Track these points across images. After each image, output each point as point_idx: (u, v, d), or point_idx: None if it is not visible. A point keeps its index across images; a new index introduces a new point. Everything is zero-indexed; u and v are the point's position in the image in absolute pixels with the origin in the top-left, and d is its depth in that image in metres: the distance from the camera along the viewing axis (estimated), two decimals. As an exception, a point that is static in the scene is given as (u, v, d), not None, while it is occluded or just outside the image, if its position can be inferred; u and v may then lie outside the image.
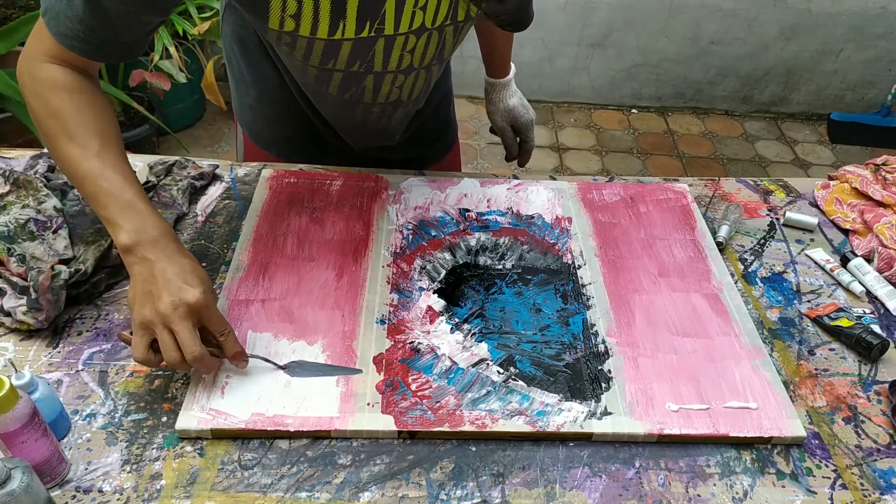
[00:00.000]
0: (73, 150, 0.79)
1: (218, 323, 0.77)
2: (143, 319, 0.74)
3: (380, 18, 0.82)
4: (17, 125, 1.97)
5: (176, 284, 0.74)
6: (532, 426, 0.78)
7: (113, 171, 0.79)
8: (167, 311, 0.73)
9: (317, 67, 0.89)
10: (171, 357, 0.73)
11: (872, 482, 0.78)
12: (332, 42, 0.84)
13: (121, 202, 0.78)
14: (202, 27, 2.17)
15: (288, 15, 0.79)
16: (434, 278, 0.96)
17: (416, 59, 0.91)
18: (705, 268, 1.00)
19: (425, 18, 0.85)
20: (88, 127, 0.80)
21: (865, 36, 2.91)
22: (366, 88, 0.95)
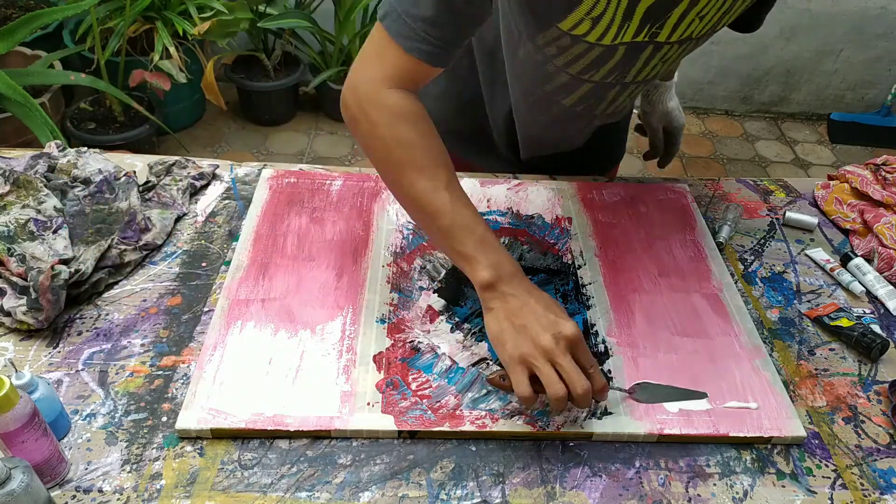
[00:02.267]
0: (424, 183, 0.78)
1: (588, 356, 0.74)
2: (521, 354, 0.73)
3: (660, 23, 0.79)
4: (17, 125, 1.96)
5: (549, 319, 0.73)
6: (532, 426, 0.78)
7: (462, 206, 0.79)
8: (550, 345, 0.72)
9: (572, 76, 0.88)
10: (556, 390, 0.71)
11: (872, 482, 0.78)
12: (607, 49, 0.82)
13: (476, 237, 0.77)
14: (202, 27, 2.17)
15: (590, 16, 0.77)
16: (434, 278, 0.96)
17: (656, 70, 0.90)
18: (705, 268, 1.00)
19: (697, 28, 0.82)
20: (435, 158, 0.79)
21: (865, 36, 2.91)
22: (603, 101, 0.95)
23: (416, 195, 0.79)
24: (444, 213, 0.78)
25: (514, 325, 0.74)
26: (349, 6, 2.52)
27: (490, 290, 0.77)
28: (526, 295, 0.76)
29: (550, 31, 0.82)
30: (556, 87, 0.93)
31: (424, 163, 0.79)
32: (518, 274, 0.78)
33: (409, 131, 0.79)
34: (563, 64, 0.86)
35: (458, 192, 0.80)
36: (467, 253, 0.78)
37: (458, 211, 0.78)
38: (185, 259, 0.96)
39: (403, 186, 0.80)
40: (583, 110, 0.99)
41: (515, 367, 0.73)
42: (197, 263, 0.96)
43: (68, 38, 2.45)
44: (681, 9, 0.77)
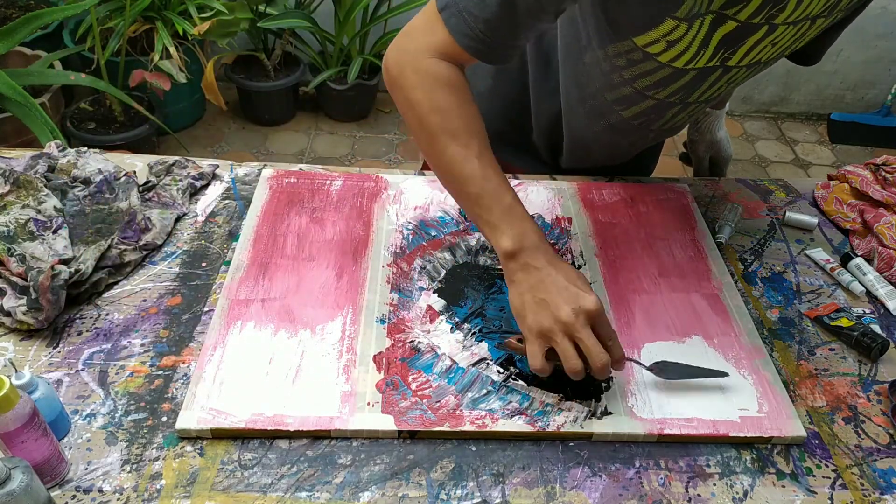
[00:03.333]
0: (456, 149, 0.79)
1: (608, 328, 0.76)
2: (540, 328, 0.74)
3: (734, 49, 0.79)
4: (17, 125, 1.96)
5: (571, 292, 0.74)
6: (532, 426, 0.78)
7: (492, 174, 0.79)
8: (570, 319, 0.72)
9: (636, 90, 0.87)
10: (574, 365, 0.73)
11: (872, 482, 0.78)
12: (678, 71, 0.82)
13: (502, 206, 0.78)
14: (202, 27, 2.17)
15: (665, 39, 0.76)
16: (434, 278, 0.96)
17: (720, 92, 0.90)
18: (705, 268, 1.00)
19: (767, 54, 0.82)
20: (470, 126, 0.80)
21: (865, 36, 2.91)
22: (661, 118, 0.95)
23: (448, 161, 0.80)
24: (473, 180, 0.79)
25: (534, 299, 0.75)
26: (349, 6, 2.52)
27: (512, 259, 0.77)
28: (548, 267, 0.76)
29: (625, 44, 0.81)
30: (618, 97, 0.92)
31: (458, 130, 0.79)
32: (542, 245, 0.78)
33: (446, 98, 0.79)
34: (630, 77, 0.86)
35: (489, 161, 0.80)
36: (492, 221, 0.78)
37: (487, 179, 0.79)
38: (185, 259, 0.96)
39: (435, 152, 0.81)
40: (640, 124, 0.98)
41: (534, 341, 0.75)
42: (197, 263, 0.96)
43: (68, 38, 2.45)
44: (757, 37, 0.77)
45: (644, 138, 1.06)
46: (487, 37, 0.77)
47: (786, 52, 0.85)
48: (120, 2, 2.19)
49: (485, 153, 0.80)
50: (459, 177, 0.80)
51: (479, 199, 0.79)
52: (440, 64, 0.79)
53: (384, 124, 2.89)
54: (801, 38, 0.82)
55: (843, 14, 0.82)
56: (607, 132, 1.02)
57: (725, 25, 0.75)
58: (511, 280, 0.78)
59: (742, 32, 0.76)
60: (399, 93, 0.82)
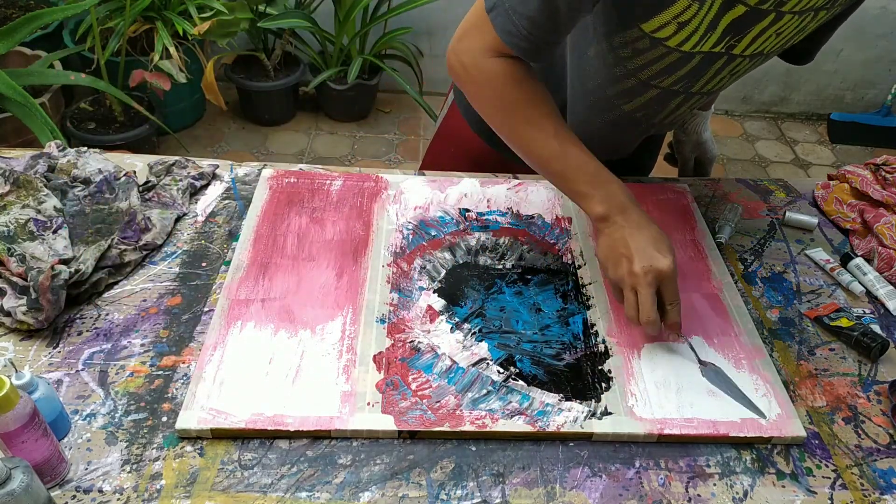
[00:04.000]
0: (535, 133, 0.87)
1: (673, 293, 0.83)
2: (616, 278, 0.85)
3: (740, 36, 0.81)
4: (17, 125, 1.96)
5: (649, 252, 0.82)
6: (532, 426, 0.78)
7: (573, 147, 0.87)
8: (639, 273, 0.81)
9: (641, 80, 0.90)
10: (629, 313, 0.84)
11: (872, 482, 0.78)
12: (684, 56, 0.83)
13: (588, 174, 0.86)
14: (202, 27, 2.17)
15: (677, 20, 0.78)
16: (434, 278, 0.96)
17: (723, 83, 0.92)
18: (705, 268, 1.00)
19: (771, 44, 0.84)
20: (542, 111, 0.87)
21: (865, 36, 2.90)
22: (664, 110, 0.96)
23: (527, 146, 0.88)
24: (554, 158, 0.87)
25: (616, 253, 0.84)
26: (349, 6, 2.52)
27: (604, 221, 0.86)
28: (635, 227, 0.84)
29: (631, 32, 0.83)
30: (620, 90, 0.94)
31: (532, 117, 0.86)
32: (630, 205, 0.86)
33: (513, 91, 0.86)
34: (634, 67, 0.88)
35: (567, 137, 0.87)
36: (580, 190, 0.87)
37: (568, 154, 0.87)
38: (185, 259, 0.96)
39: (514, 139, 0.89)
40: (642, 117, 0.99)
41: (614, 288, 0.87)
42: (197, 263, 0.96)
43: (68, 38, 2.45)
44: (763, 24, 0.79)
45: (645, 132, 1.07)
46: (532, 34, 0.80)
47: (786, 44, 0.86)
48: (120, 2, 2.19)
49: (561, 132, 0.87)
50: (542, 158, 0.88)
51: (563, 173, 0.87)
52: (499, 61, 0.85)
53: (384, 124, 2.89)
54: (801, 31, 0.83)
55: (841, 8, 0.83)
56: (608, 128, 1.03)
57: (735, 9, 0.77)
58: (600, 233, 0.87)
59: (750, 18, 0.78)
60: (468, 89, 0.90)
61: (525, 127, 0.87)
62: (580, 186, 0.86)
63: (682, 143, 1.24)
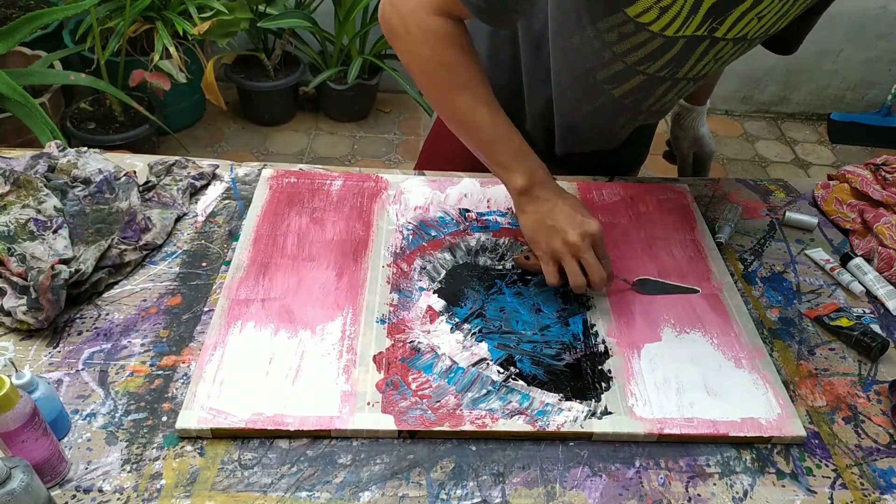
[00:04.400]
0: (466, 99, 0.87)
1: (603, 248, 0.88)
2: (552, 250, 0.87)
3: (721, 19, 0.81)
4: (17, 125, 1.96)
5: (577, 219, 0.86)
6: (532, 426, 0.78)
7: (501, 119, 0.88)
8: (576, 241, 0.85)
9: (627, 65, 0.90)
10: (578, 281, 0.87)
11: (872, 482, 0.78)
12: (668, 41, 0.83)
13: (512, 148, 0.87)
14: (202, 27, 2.17)
15: (658, 5, 0.78)
16: (434, 278, 0.96)
17: (708, 69, 0.92)
18: (705, 268, 1.00)
19: (754, 29, 0.84)
20: (476, 78, 0.86)
21: (865, 36, 2.91)
22: (651, 95, 0.96)
23: (458, 111, 0.88)
24: (483, 127, 0.87)
25: (545, 226, 0.87)
26: (349, 6, 2.52)
27: (525, 194, 0.88)
28: (556, 198, 0.88)
29: (616, 16, 0.83)
30: (608, 75, 0.93)
31: (467, 82, 0.86)
32: (549, 180, 0.89)
33: (452, 53, 0.85)
34: (621, 52, 0.88)
35: (496, 108, 0.88)
36: (504, 162, 0.88)
37: (496, 124, 0.87)
38: (185, 259, 0.96)
39: (445, 103, 0.89)
40: (630, 103, 0.99)
41: (548, 261, 0.88)
42: (197, 263, 0.96)
43: (68, 38, 2.45)
44: (744, 7, 0.79)
45: (633, 120, 1.07)
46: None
47: (770, 29, 0.86)
48: (120, 2, 2.19)
49: (492, 101, 0.87)
50: (471, 125, 0.88)
51: (491, 144, 0.88)
52: (441, 20, 0.84)
53: (384, 124, 2.89)
54: (784, 16, 0.83)
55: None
56: (596, 115, 1.03)
57: None
58: (522, 211, 0.89)
59: (730, 0, 0.78)
60: (403, 46, 0.87)
61: (458, 92, 0.86)
62: (504, 157, 0.88)
63: (679, 138, 1.24)
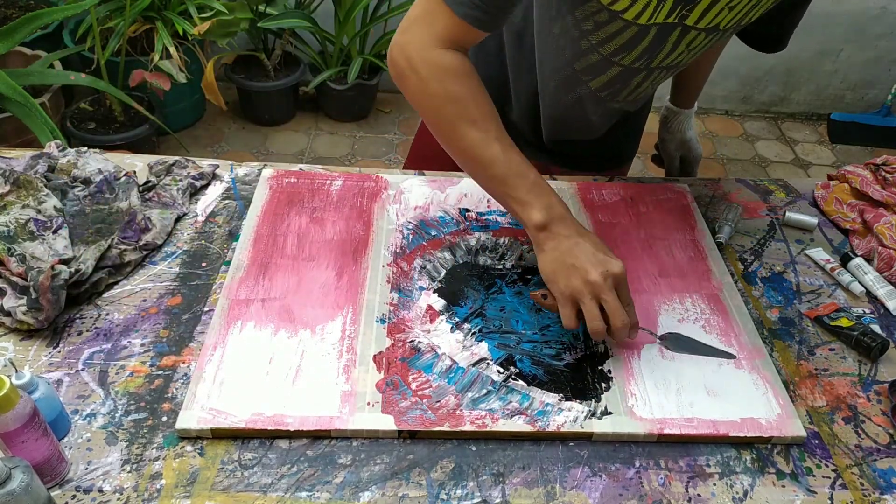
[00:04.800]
0: (476, 134, 0.84)
1: (628, 294, 0.82)
2: (571, 291, 0.81)
3: (691, 6, 0.80)
4: (17, 125, 1.96)
5: (598, 258, 0.81)
6: (532, 426, 0.78)
7: (513, 154, 0.84)
8: (598, 281, 0.79)
9: (602, 56, 0.89)
10: (597, 326, 0.80)
11: (872, 482, 0.78)
12: (641, 29, 0.83)
13: (529, 183, 0.84)
14: (202, 27, 2.17)
15: None
16: (434, 278, 0.96)
17: (681, 58, 0.91)
18: (705, 268, 1.00)
19: (725, 19, 0.84)
20: (485, 112, 0.85)
21: (865, 36, 2.91)
22: (627, 87, 0.96)
23: (469, 147, 0.85)
24: (496, 162, 0.84)
25: (565, 265, 0.81)
26: (349, 6, 2.52)
27: (543, 230, 0.84)
28: (576, 236, 0.83)
29: (591, 4, 0.83)
30: (586, 66, 0.93)
31: (475, 116, 0.84)
32: (568, 216, 0.85)
33: (460, 87, 0.83)
34: (597, 42, 0.87)
35: (508, 142, 0.85)
36: (521, 198, 0.84)
37: (510, 159, 0.84)
38: (185, 259, 0.96)
39: (455, 139, 0.86)
40: (607, 95, 0.99)
41: (566, 303, 0.82)
42: (197, 263, 0.96)
43: (68, 38, 2.45)
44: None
45: (610, 111, 1.07)
46: (486, 4, 0.79)
47: (742, 20, 0.86)
48: (120, 2, 2.19)
49: (502, 135, 0.85)
50: (483, 160, 0.85)
51: (505, 179, 0.84)
52: (447, 54, 0.83)
53: (384, 124, 2.89)
54: (756, 7, 0.83)
55: None
56: (577, 105, 1.03)
57: None
58: (542, 249, 0.84)
59: None
60: (409, 85, 0.85)
61: (468, 127, 0.84)
62: (520, 193, 0.84)
63: (666, 141, 1.25)
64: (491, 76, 1.09)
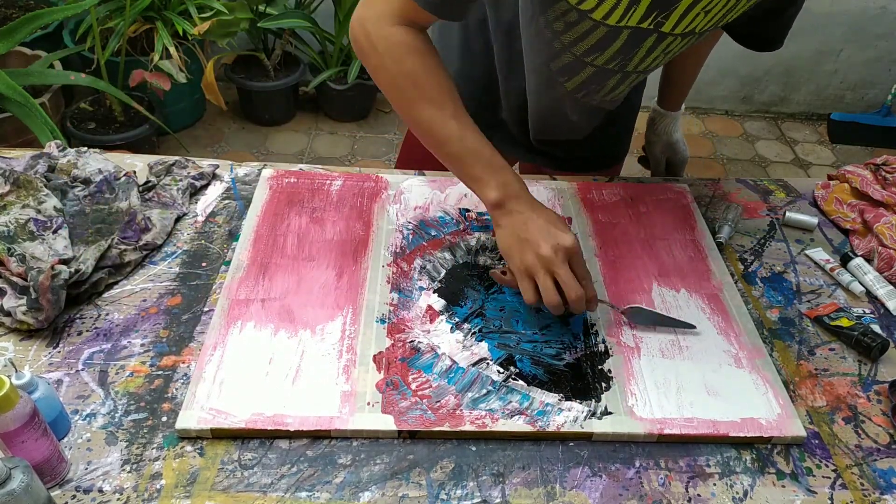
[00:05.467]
0: (432, 111, 0.84)
1: (583, 268, 0.84)
2: (526, 266, 0.82)
3: (666, 13, 0.80)
4: (17, 125, 1.96)
5: (550, 232, 0.82)
6: (532, 426, 0.78)
7: (471, 132, 0.85)
8: (549, 255, 0.80)
9: (576, 56, 0.89)
10: (553, 299, 0.81)
11: (872, 482, 0.78)
12: (613, 30, 0.83)
13: (483, 161, 0.84)
14: (202, 27, 2.17)
15: None
16: (434, 278, 0.96)
17: (657, 62, 0.91)
18: (705, 268, 1.00)
19: (701, 23, 0.83)
20: (442, 89, 0.85)
21: (865, 36, 2.91)
22: (602, 88, 0.96)
23: (426, 124, 0.85)
24: (452, 140, 0.84)
25: (519, 240, 0.83)
26: (349, 6, 2.52)
27: (499, 207, 0.84)
28: (530, 211, 0.84)
29: (560, 5, 0.83)
30: (560, 66, 0.93)
31: (432, 94, 0.84)
32: (524, 192, 0.85)
33: (416, 64, 0.83)
34: (569, 42, 0.87)
35: (466, 120, 0.85)
36: (477, 176, 0.85)
37: (466, 137, 0.84)
38: (185, 259, 0.96)
39: (413, 116, 0.86)
40: (582, 97, 0.99)
41: (522, 278, 0.83)
42: (197, 263, 0.96)
43: (68, 38, 2.45)
44: (688, 1, 0.78)
45: (589, 111, 1.06)
46: None
47: (719, 22, 0.85)
48: (120, 2, 2.19)
49: (460, 113, 0.85)
50: (439, 138, 0.85)
51: (460, 157, 0.85)
52: (403, 30, 0.83)
53: (384, 124, 2.89)
54: (732, 10, 0.83)
55: None
56: (557, 104, 1.03)
57: None
58: (498, 225, 0.85)
59: None
60: (369, 61, 0.86)
61: (424, 104, 0.84)
62: (476, 171, 0.85)
63: (652, 143, 1.25)
64: (478, 76, 1.09)
